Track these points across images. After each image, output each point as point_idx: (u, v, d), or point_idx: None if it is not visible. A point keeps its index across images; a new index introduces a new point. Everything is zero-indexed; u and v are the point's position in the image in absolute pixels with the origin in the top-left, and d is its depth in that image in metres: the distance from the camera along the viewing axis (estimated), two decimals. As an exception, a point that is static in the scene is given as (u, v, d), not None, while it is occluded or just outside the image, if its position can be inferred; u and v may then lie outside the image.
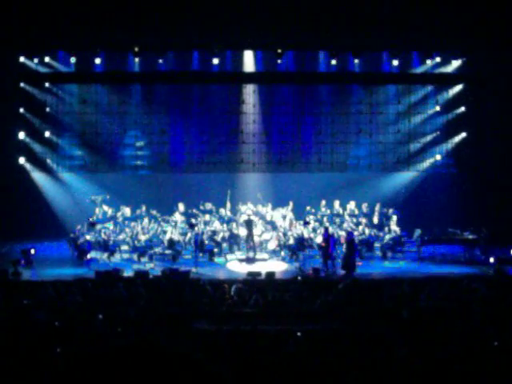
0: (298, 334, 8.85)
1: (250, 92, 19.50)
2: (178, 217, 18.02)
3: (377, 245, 17.31)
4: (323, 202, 18.61)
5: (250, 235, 16.79)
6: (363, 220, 18.00)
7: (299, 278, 13.58)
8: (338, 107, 19.63)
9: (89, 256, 16.13)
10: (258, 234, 17.35)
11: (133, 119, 19.46)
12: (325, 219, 18.08)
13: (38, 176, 19.58)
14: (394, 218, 17.96)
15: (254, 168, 19.56)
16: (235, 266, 16.05)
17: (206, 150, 19.60)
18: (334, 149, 19.61)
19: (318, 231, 17.18)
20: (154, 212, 18.14)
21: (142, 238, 16.88)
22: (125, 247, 17.23)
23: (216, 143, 19.55)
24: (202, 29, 17.10)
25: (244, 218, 17.20)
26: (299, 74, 19.31)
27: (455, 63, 19.47)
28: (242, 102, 19.41)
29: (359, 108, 19.65)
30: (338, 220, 18.19)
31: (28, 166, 19.43)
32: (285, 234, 17.38)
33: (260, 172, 19.77)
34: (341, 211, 18.51)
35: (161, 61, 18.72)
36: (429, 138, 19.95)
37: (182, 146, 19.73)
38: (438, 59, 19.44)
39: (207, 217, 17.96)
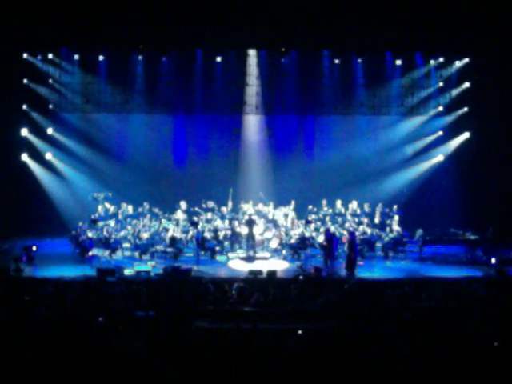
0: (299, 332, 8.86)
1: None
2: (179, 215, 18.01)
3: (378, 244, 17.27)
4: (325, 202, 18.59)
5: (250, 234, 16.79)
6: (365, 219, 17.98)
7: (301, 277, 13.55)
8: (343, 50, 19.10)
9: (90, 253, 16.13)
10: (260, 232, 17.33)
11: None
12: (327, 218, 18.05)
13: (40, 173, 19.58)
14: (396, 217, 17.95)
15: (256, 111, 19.46)
16: (237, 264, 16.02)
17: (208, 92, 19.33)
18: (337, 92, 19.37)
19: (321, 230, 17.17)
20: (156, 210, 18.14)
21: (144, 235, 16.87)
22: (126, 245, 17.20)
23: (219, 85, 19.28)
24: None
25: (246, 217, 17.20)
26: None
27: (458, 63, 19.46)
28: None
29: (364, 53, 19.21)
30: (339, 219, 18.16)
31: (30, 163, 19.44)
32: (286, 233, 17.37)
33: (262, 114, 19.68)
34: (343, 210, 18.48)
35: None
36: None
37: (183, 88, 19.37)
38: (441, 59, 19.40)
39: (209, 215, 17.95)
